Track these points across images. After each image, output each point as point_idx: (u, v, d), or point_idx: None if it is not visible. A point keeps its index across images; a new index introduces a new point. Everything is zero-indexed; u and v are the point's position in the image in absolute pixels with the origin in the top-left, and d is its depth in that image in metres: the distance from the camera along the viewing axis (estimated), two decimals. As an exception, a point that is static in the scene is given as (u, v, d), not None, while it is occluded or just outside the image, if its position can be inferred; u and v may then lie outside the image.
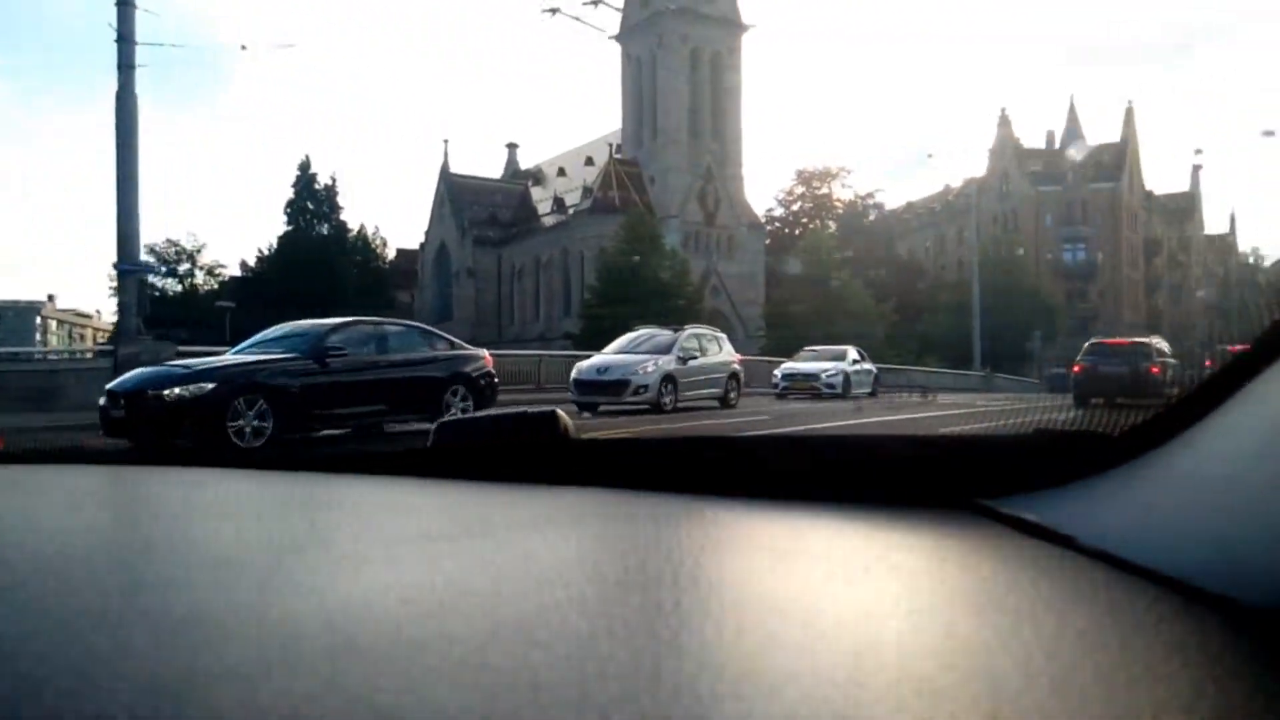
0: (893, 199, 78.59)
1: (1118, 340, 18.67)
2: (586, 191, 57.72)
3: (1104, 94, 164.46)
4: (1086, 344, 16.89)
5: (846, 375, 20.23)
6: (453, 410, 10.02)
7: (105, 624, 0.45)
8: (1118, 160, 60.78)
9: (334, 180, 59.57)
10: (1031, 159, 62.29)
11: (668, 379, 13.86)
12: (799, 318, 42.26)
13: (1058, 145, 62.35)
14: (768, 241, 61.43)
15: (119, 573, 0.58)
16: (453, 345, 11.10)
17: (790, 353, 24.81)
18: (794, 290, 45.46)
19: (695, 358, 14.62)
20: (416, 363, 10.29)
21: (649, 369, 13.65)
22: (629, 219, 44.86)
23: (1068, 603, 0.49)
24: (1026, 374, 49.03)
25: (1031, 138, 64.77)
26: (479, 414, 1.15)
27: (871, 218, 65.50)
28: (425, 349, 10.65)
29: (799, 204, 65.49)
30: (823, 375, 19.80)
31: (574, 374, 14.45)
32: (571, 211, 59.27)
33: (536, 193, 67.23)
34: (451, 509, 0.85)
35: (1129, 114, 63.75)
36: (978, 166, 63.69)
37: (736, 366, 15.83)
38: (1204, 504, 0.49)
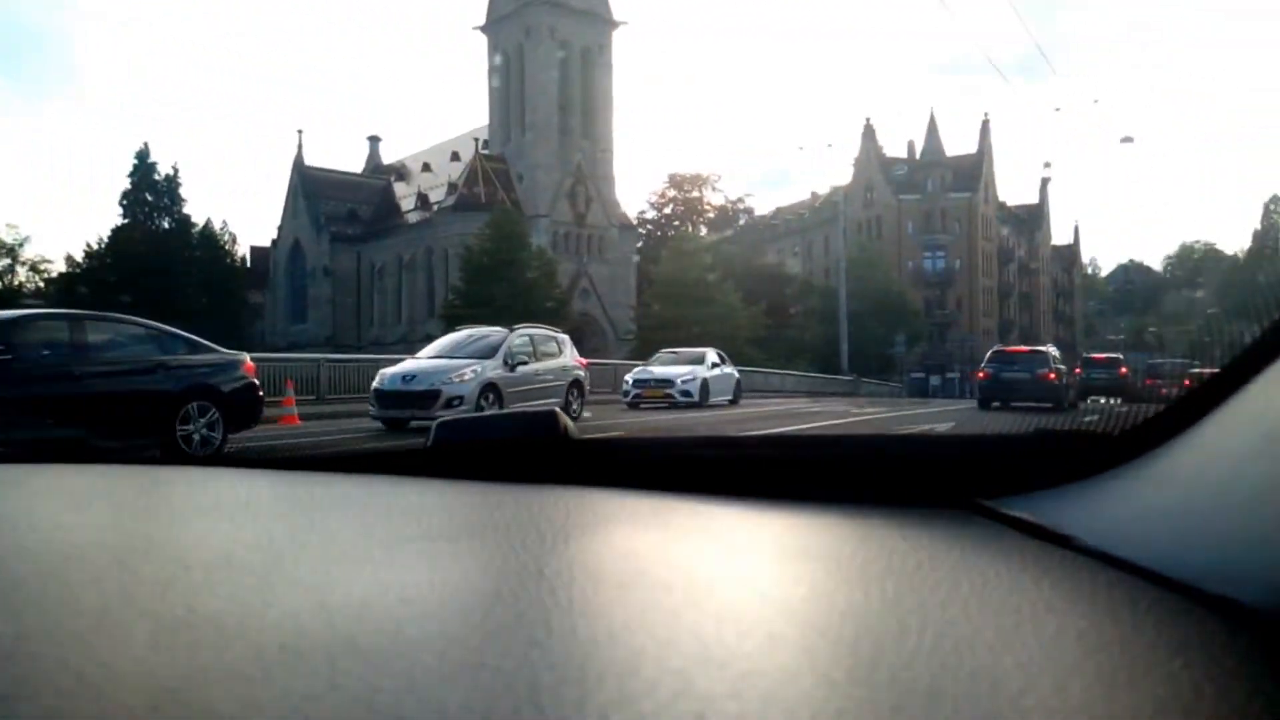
0: (763, 205, 79.46)
1: (1017, 349, 19.96)
2: (452, 188, 55.39)
3: (962, 106, 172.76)
4: (990, 352, 18.13)
5: (704, 381, 17.95)
6: (194, 434, 8.27)
7: (105, 624, 0.44)
8: (974, 171, 63.13)
9: (176, 170, 55.00)
10: (894, 168, 63.98)
11: (489, 389, 11.46)
12: (669, 320, 41.45)
13: (918, 156, 64.22)
14: (640, 244, 60.70)
15: (119, 573, 0.57)
16: (196, 348, 8.89)
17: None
18: (664, 292, 44.57)
19: (526, 363, 12.40)
20: (135, 371, 8.17)
21: (466, 376, 11.28)
22: (495, 217, 42.99)
23: (1068, 603, 0.49)
24: (891, 378, 49.97)
25: (894, 147, 66.61)
26: (479, 414, 0.72)
27: (742, 223, 65.90)
28: (152, 353, 8.39)
29: (670, 207, 65.24)
30: (677, 381, 17.45)
31: (375, 383, 11.81)
32: (436, 208, 56.78)
33: (400, 188, 64.30)
34: (451, 509, 0.85)
35: (985, 127, 66.50)
36: (843, 175, 64.98)
37: (580, 373, 13.85)
38: (1204, 504, 0.49)
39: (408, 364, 12.26)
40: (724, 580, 0.56)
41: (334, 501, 0.94)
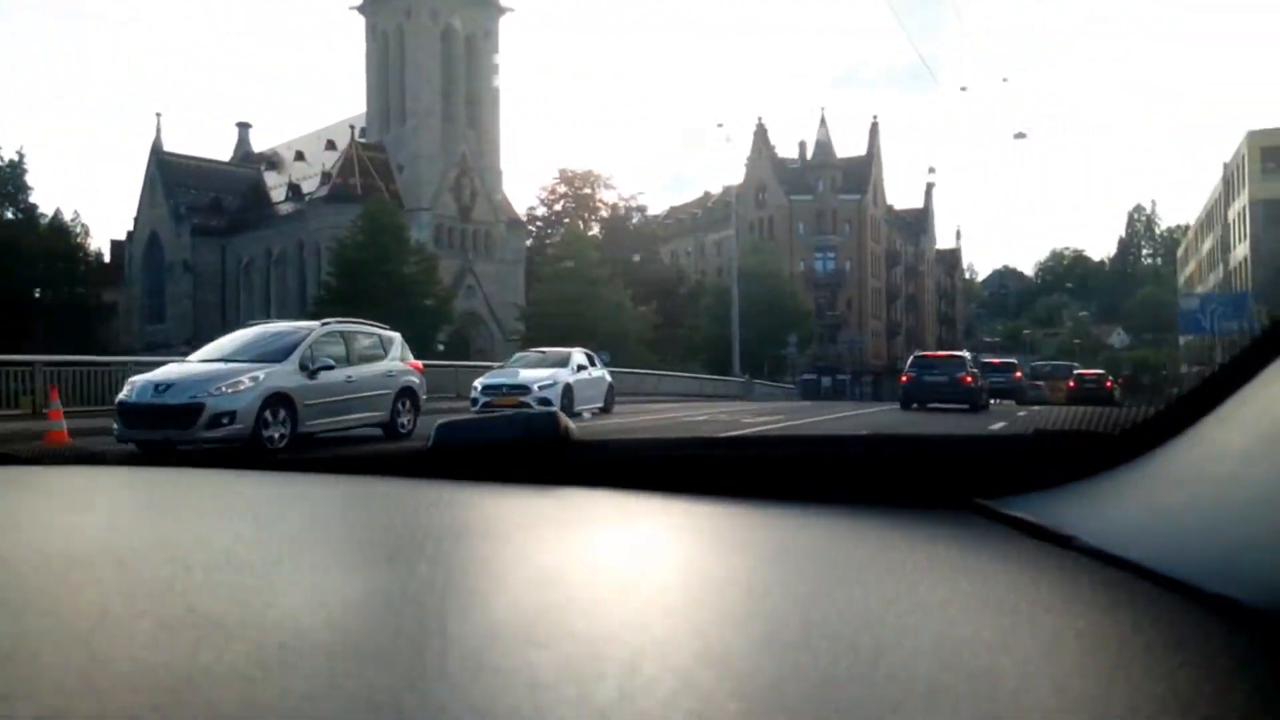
0: (657, 205, 78.17)
1: (936, 354, 21.34)
2: (326, 177, 51.87)
3: (852, 110, 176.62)
4: (911, 358, 19.36)
5: (567, 387, 15.17)
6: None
7: (106, 624, 0.44)
8: (863, 174, 63.56)
9: (21, 156, 49.55)
10: (786, 167, 63.77)
11: (276, 401, 8.58)
12: (557, 319, 39.47)
13: (809, 157, 64.19)
14: (529, 241, 58.48)
15: (119, 573, 0.58)
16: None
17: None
18: (552, 290, 42.54)
19: (333, 367, 9.37)
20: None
21: (241, 386, 8.38)
22: (369, 208, 40.00)
23: (1067, 603, 0.49)
24: (783, 379, 49.34)
25: (785, 147, 66.41)
26: (479, 415, 0.83)
27: (635, 221, 64.44)
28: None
29: (561, 203, 63.21)
30: (534, 388, 14.76)
31: (121, 394, 8.80)
32: (308, 199, 53.07)
33: (271, 178, 60.13)
34: (451, 509, 0.85)
35: (874, 129, 67.15)
36: (737, 175, 64.42)
37: (412, 379, 10.91)
38: (1203, 504, 0.49)
39: (167, 369, 9.22)
40: (724, 580, 0.56)
41: (334, 502, 0.95)
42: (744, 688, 0.36)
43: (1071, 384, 29.28)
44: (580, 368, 16.46)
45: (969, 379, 17.86)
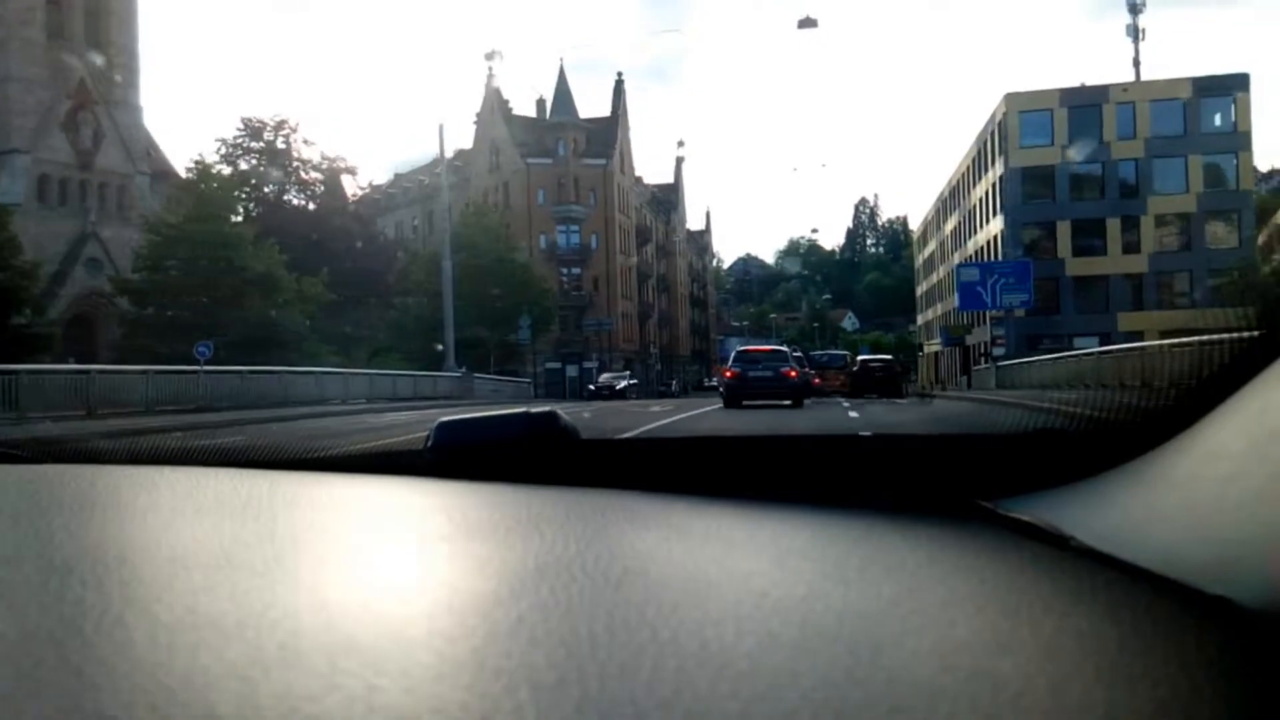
0: (381, 171, 66.67)
1: (759, 348, 20.47)
2: None
3: (596, 67, 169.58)
4: (734, 352, 18.94)
5: None
6: None
7: (106, 624, 0.44)
8: (608, 137, 56.33)
9: None
10: (523, 128, 55.14)
11: None
12: (179, 301, 28.33)
13: (548, 115, 56.00)
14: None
15: (119, 573, 0.58)
16: None
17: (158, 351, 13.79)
18: (160, 254, 30.86)
19: None
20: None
21: None
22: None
23: (1067, 604, 0.49)
24: (520, 370, 40.89)
25: (522, 104, 57.83)
26: (479, 414, 1.09)
27: (357, 195, 53.24)
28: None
29: (246, 160, 50.53)
30: None
31: None
32: None
33: None
34: (451, 509, 0.84)
35: (619, 87, 60.11)
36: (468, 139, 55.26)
37: None
38: (1204, 504, 0.50)
39: None
40: (724, 580, 0.56)
41: (334, 501, 0.95)
42: (744, 688, 0.36)
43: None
44: None
45: (793, 373, 17.60)
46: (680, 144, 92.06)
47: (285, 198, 47.98)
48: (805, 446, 0.94)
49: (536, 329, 39.21)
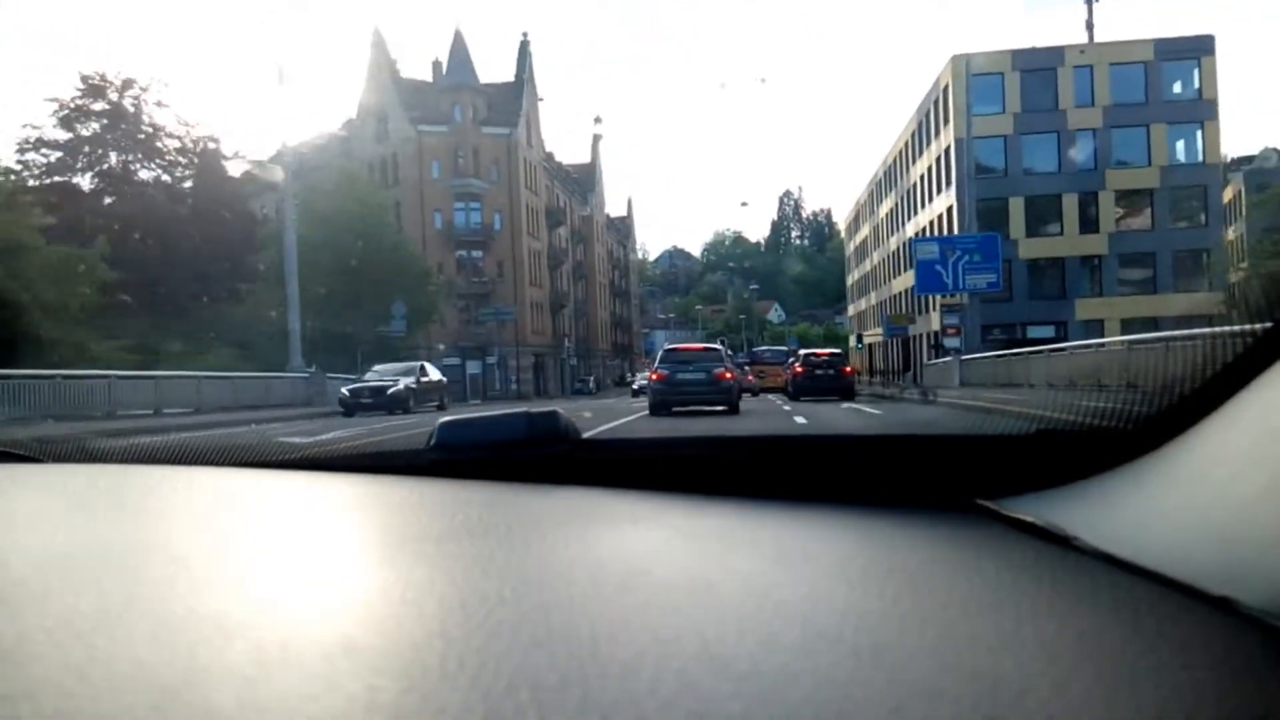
0: (261, 147, 59.00)
1: (689, 346, 17.66)
2: None
3: (496, 28, 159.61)
4: (662, 351, 16.99)
5: None
6: None
7: (106, 623, 0.44)
8: (512, 104, 50.13)
9: None
10: (415, 92, 48.52)
11: None
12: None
13: (445, 78, 49.50)
14: (38, 176, 37.87)
15: (119, 573, 0.58)
16: None
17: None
18: None
19: None
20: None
21: None
22: None
23: (1068, 603, 0.49)
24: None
25: (414, 67, 51.10)
26: (480, 414, 1.08)
27: (246, 173, 45.84)
28: None
29: (90, 124, 42.65)
30: None
31: None
32: None
33: None
34: (452, 508, 0.84)
35: (524, 48, 53.89)
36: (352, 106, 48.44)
37: None
38: (1205, 504, 0.50)
39: None
40: (725, 580, 0.56)
41: (334, 502, 0.94)
42: (745, 688, 0.36)
43: (797, 369, 23.15)
44: None
45: (728, 374, 15.22)
46: (598, 120, 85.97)
47: (131, 169, 40.46)
48: (807, 446, 0.95)
49: (417, 319, 32.86)
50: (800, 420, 12.85)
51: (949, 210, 40.87)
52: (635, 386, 40.34)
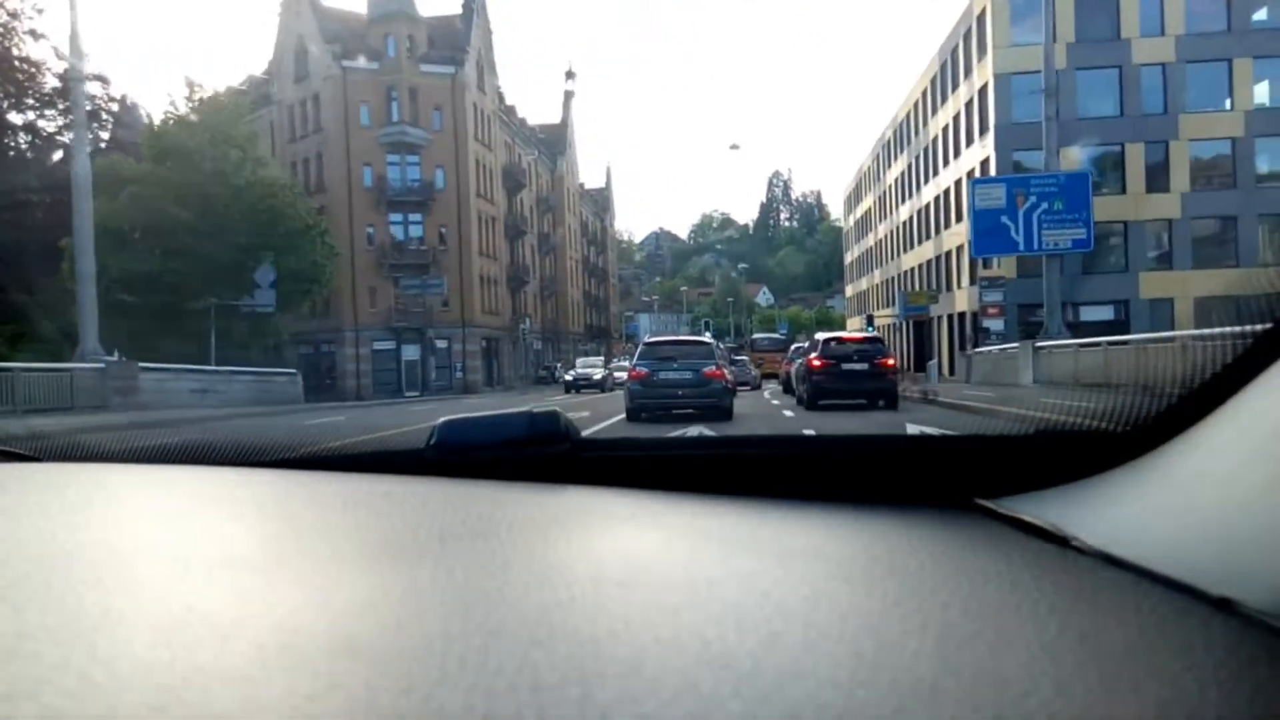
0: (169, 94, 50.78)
1: (673, 338, 14.75)
2: None
3: None
4: (642, 345, 14.40)
5: None
6: None
7: (106, 623, 0.45)
8: (458, 40, 42.23)
9: None
10: (339, 23, 40.58)
11: None
12: None
13: (375, 5, 41.57)
14: None
15: (119, 572, 0.58)
16: None
17: None
18: None
19: None
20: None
21: None
22: None
23: (1068, 603, 0.49)
24: (280, 356, 26.99)
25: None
26: (480, 413, 1.09)
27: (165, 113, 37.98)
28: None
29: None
30: None
31: None
32: None
33: None
34: (452, 508, 0.85)
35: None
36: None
37: None
38: (1204, 504, 0.50)
39: None
40: (725, 580, 0.56)
41: (334, 501, 0.94)
42: (745, 688, 0.36)
43: (814, 362, 15.36)
44: None
45: (717, 373, 12.87)
46: (570, 75, 77.63)
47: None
48: (808, 446, 0.94)
49: (296, 289, 25.08)
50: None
51: (983, 164, 33.43)
52: (569, 378, 32.96)
